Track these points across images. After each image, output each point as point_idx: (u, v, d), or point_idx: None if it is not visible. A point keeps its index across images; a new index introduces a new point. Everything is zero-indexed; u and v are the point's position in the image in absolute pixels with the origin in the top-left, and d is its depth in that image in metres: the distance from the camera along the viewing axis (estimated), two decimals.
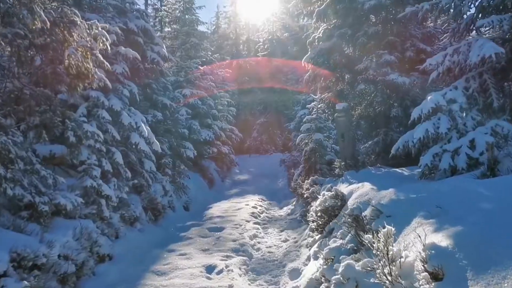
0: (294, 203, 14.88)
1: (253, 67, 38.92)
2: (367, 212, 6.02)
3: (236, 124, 28.73)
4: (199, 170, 19.05)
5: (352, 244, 6.13)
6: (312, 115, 14.61)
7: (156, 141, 11.20)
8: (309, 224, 9.85)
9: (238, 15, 43.52)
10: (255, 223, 12.28)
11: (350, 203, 7.50)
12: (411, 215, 5.13)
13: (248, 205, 14.79)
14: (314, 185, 11.06)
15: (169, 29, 22.59)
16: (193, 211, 14.14)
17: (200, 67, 19.63)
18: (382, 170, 9.66)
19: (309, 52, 12.64)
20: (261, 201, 16.16)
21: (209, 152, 18.96)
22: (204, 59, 21.21)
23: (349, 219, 5.99)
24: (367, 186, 7.76)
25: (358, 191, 7.84)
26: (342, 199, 8.01)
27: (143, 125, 10.69)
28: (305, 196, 11.01)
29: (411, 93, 10.79)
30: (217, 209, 14.22)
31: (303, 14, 15.57)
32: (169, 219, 12.01)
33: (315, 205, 8.56)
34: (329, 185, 10.04)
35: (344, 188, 8.86)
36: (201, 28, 23.44)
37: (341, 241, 6.64)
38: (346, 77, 12.54)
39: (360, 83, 11.14)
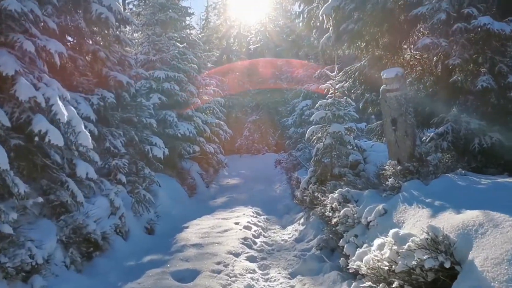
0: (302, 220, 10.24)
1: (245, 63, 34.40)
2: None
3: (226, 122, 24.20)
4: (177, 174, 14.32)
5: None
6: (327, 99, 9.97)
7: (84, 131, 6.46)
8: (348, 277, 5.26)
9: (228, 5, 38.77)
10: (248, 257, 7.62)
11: (486, 276, 2.86)
12: None
13: (238, 223, 10.12)
14: (347, 204, 6.41)
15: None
16: (160, 234, 9.40)
17: (178, 44, 14.90)
18: (483, 181, 5.05)
19: (330, 0, 8.00)
20: (256, 216, 11.47)
21: (189, 151, 14.24)
22: (184, 36, 16.49)
23: None
24: None
25: (492, 238, 3.22)
26: (447, 253, 3.37)
27: (60, 104, 5.97)
28: (333, 222, 6.35)
29: (508, 51, 6.21)
30: (195, 230, 9.52)
31: None
32: (113, 255, 7.26)
33: (379, 256, 3.90)
34: (379, 207, 5.40)
35: (427, 219, 4.25)
36: (183, 4, 18.63)
37: None
38: (384, 37, 7.93)
39: (424, 36, 6.53)
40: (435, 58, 6.76)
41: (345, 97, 9.85)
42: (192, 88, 14.83)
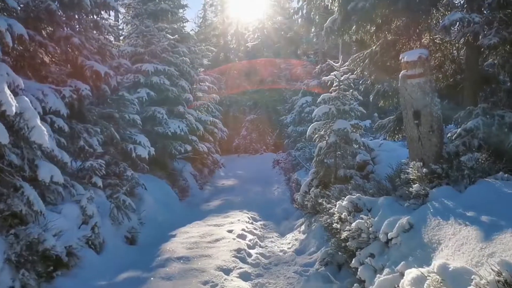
0: (302, 227, 9.07)
1: (242, 60, 33.31)
2: None
3: (223, 121, 23.11)
4: (168, 175, 13.13)
5: None
6: (331, 92, 8.82)
7: (40, 125, 5.25)
8: None
9: (226, 2, 37.48)
10: (241, 274, 6.45)
11: None
12: None
13: (232, 230, 8.95)
14: (358, 213, 5.25)
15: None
16: (143, 245, 8.22)
17: (169, 36, 13.73)
18: None
19: None
20: (252, 222, 10.30)
21: (180, 150, 13.05)
22: (176, 27, 15.28)
23: None
24: None
25: None
26: None
27: (8, 93, 4.77)
28: (342, 236, 5.17)
29: None
30: (183, 239, 8.35)
31: None
32: (82, 274, 6.07)
33: None
34: (403, 220, 4.22)
35: (477, 242, 3.08)
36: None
37: None
38: (398, 19, 6.77)
39: (453, 9, 5.38)
40: (462, 39, 5.58)
41: (351, 90, 8.70)
42: (184, 83, 13.64)
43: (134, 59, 12.86)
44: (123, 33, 15.33)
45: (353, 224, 4.94)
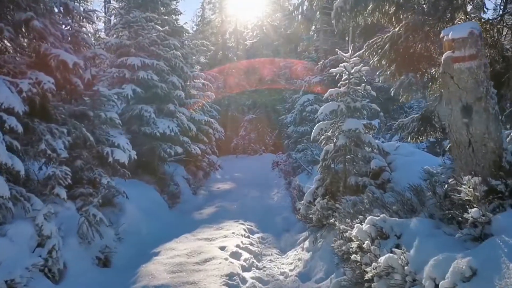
0: (306, 243, 7.69)
1: (241, 59, 31.99)
2: None
3: (222, 121, 21.78)
4: (158, 180, 11.75)
5: None
6: (340, 87, 7.44)
7: None
8: None
9: (225, 0, 36.02)
10: None
11: None
12: None
13: (225, 247, 7.56)
14: (385, 240, 3.89)
15: None
16: (118, 267, 6.82)
17: (159, 27, 12.35)
18: None
19: None
20: (248, 236, 8.91)
21: (170, 152, 11.65)
22: (167, 18, 13.87)
23: None
24: None
25: None
26: None
27: None
28: (367, 275, 3.78)
29: None
30: (167, 259, 6.95)
31: None
32: None
33: None
34: (461, 264, 2.83)
35: None
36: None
37: None
38: None
39: None
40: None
41: (363, 84, 7.32)
42: (175, 79, 12.24)
43: (120, 52, 11.48)
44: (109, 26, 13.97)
45: (381, 260, 3.57)
